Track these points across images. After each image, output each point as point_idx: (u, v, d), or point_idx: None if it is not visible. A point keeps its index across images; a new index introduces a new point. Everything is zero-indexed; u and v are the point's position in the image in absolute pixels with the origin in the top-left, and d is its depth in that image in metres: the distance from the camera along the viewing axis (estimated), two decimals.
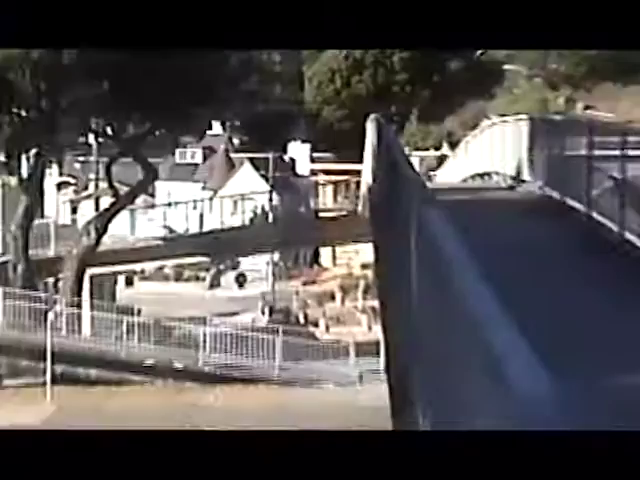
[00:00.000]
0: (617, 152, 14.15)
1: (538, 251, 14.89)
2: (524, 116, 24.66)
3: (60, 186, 71.31)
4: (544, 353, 4.27)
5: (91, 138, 56.08)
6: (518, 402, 3.67)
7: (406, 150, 26.08)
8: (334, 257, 78.21)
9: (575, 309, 11.29)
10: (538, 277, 12.74)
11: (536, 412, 3.59)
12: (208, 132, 72.99)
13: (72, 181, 74.68)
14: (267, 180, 73.28)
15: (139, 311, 51.25)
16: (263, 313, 63.85)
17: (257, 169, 79.39)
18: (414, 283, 8.38)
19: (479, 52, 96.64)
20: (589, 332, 10.34)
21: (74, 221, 59.37)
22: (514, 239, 15.55)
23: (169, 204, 64.52)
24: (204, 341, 45.81)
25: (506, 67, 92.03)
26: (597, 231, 14.59)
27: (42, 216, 55.19)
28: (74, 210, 64.44)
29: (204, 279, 76.24)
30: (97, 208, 55.54)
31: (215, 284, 76.37)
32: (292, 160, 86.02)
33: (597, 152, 15.53)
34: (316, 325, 61.02)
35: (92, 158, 60.10)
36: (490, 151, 27.88)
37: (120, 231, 54.37)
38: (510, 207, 20.52)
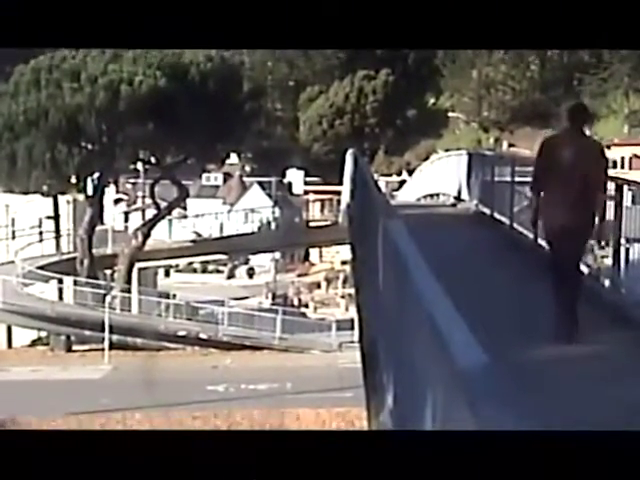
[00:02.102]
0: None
1: (473, 250, 14.92)
2: (464, 151, 24.61)
3: (116, 201, 71.08)
4: (478, 327, 4.20)
5: (139, 165, 55.99)
6: (460, 371, 3.55)
7: (375, 175, 26.04)
8: (320, 255, 78.15)
9: (499, 289, 11.40)
10: (473, 268, 12.78)
11: (475, 380, 3.42)
12: (227, 161, 72.82)
13: (125, 197, 74.46)
14: (271, 198, 73.19)
15: (174, 295, 51.19)
16: (267, 297, 63.78)
17: (263, 189, 79.33)
18: (380, 275, 8.38)
19: (432, 101, 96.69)
20: (510, 304, 10.41)
21: (126, 228, 59.10)
22: (455, 242, 15.57)
23: (197, 215, 64.38)
24: (222, 318, 45.75)
25: (450, 114, 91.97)
26: (517, 237, 14.61)
27: (102, 223, 55.02)
28: (126, 219, 64.14)
29: (223, 272, 76.15)
30: (143, 218, 55.44)
31: (231, 275, 76.27)
32: (289, 183, 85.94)
33: (518, 179, 15.52)
34: (307, 307, 60.99)
35: (140, 180, 59.96)
36: (438, 177, 27.83)
37: (160, 235, 54.28)
38: (452, 219, 20.50)
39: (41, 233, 54.43)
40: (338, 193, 46.74)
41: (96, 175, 49.96)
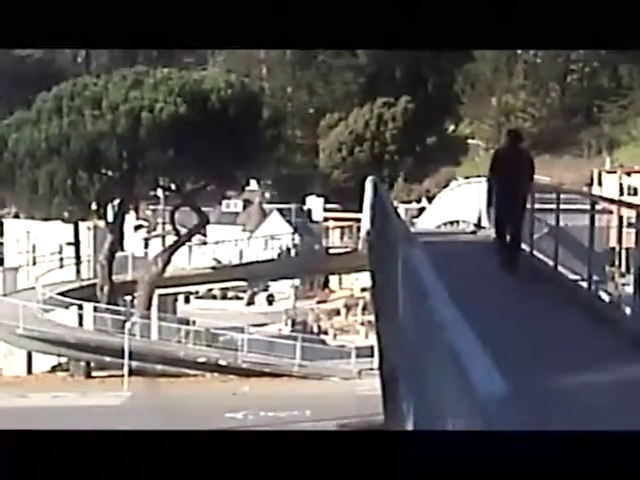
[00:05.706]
0: (552, 206, 14.10)
1: (493, 278, 14.85)
2: (483, 178, 24.52)
3: (136, 227, 71.28)
4: (499, 355, 4.17)
5: (159, 192, 56.22)
6: (481, 402, 3.47)
7: (394, 203, 26.06)
8: (340, 282, 78.01)
9: (520, 318, 11.32)
10: (493, 296, 12.72)
11: (496, 410, 3.35)
12: (247, 188, 73.02)
13: (145, 224, 74.69)
14: (290, 224, 73.31)
15: (194, 322, 51.23)
16: (286, 324, 63.69)
17: (283, 216, 79.44)
18: (400, 302, 8.35)
19: (451, 129, 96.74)
20: (531, 333, 10.32)
21: (146, 254, 59.22)
22: (475, 270, 15.50)
23: (217, 242, 64.49)
24: (242, 345, 45.72)
25: (470, 142, 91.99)
26: (536, 264, 14.55)
27: (122, 250, 55.17)
28: (146, 245, 64.29)
29: (243, 298, 76.13)
30: (163, 244, 55.58)
31: (251, 302, 76.24)
32: (309, 210, 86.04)
33: (537, 206, 15.47)
34: (326, 334, 60.85)
35: (160, 207, 60.17)
36: (458, 204, 27.78)
37: (180, 262, 54.37)
38: (472, 247, 20.43)
39: (61, 259, 54.66)
40: (358, 220, 46.85)
41: (117, 202, 50.18)
